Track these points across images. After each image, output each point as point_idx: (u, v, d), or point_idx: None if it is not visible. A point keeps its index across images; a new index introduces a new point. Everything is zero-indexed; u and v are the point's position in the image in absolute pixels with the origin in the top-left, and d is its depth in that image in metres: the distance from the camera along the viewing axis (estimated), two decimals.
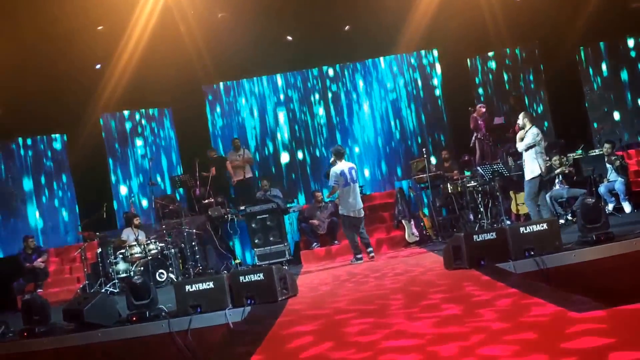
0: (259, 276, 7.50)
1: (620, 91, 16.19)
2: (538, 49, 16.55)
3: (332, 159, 11.54)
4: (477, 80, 17.32)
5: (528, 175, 10.37)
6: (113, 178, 16.77)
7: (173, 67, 14.94)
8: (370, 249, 11.61)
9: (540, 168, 10.17)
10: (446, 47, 16.71)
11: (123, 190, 16.85)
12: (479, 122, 14.41)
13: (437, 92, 17.49)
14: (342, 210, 11.35)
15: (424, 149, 13.88)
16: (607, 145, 12.30)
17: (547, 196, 11.33)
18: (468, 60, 17.24)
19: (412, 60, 17.62)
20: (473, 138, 14.63)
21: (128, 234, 12.98)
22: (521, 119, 10.50)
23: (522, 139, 10.41)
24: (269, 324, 6.08)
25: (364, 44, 16.56)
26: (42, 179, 16.26)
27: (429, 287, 6.95)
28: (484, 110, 14.84)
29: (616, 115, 16.16)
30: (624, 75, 16.19)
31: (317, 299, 7.46)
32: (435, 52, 17.44)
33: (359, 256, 11.39)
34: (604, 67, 16.38)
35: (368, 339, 4.85)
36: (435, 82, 17.56)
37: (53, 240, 15.78)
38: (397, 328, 5.09)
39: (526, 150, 10.29)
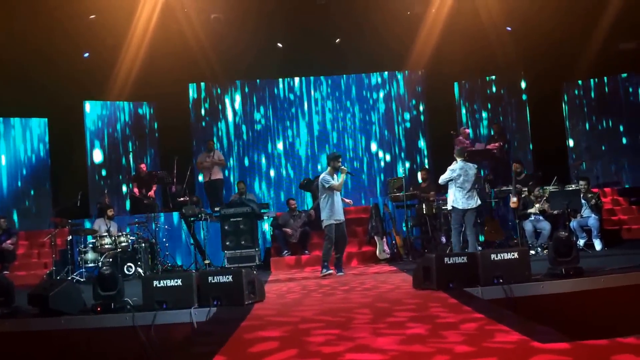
0: (228, 278, 7.49)
1: (603, 127, 16.38)
2: (524, 79, 16.68)
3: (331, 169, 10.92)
4: (460, 105, 17.42)
5: (448, 206, 11.17)
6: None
7: (162, 62, 14.89)
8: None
9: (457, 202, 10.67)
10: (432, 70, 16.78)
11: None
12: (466, 142, 14.51)
13: (420, 112, 17.52)
14: None
15: (402, 168, 13.89)
16: (582, 182, 12.48)
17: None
18: (455, 84, 17.36)
19: (398, 79, 17.65)
20: None
21: (100, 225, 12.92)
22: (455, 153, 11.05)
23: None
24: (233, 326, 6.07)
25: (353, 58, 16.59)
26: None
27: (396, 305, 6.96)
28: (468, 131, 14.98)
29: (596, 151, 16.37)
30: (608, 111, 16.39)
31: (283, 307, 7.44)
32: (421, 73, 17.49)
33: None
34: (587, 102, 16.60)
35: (331, 350, 4.86)
36: (418, 103, 17.60)
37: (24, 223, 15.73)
38: (361, 342, 5.10)
39: (444, 184, 10.97)
